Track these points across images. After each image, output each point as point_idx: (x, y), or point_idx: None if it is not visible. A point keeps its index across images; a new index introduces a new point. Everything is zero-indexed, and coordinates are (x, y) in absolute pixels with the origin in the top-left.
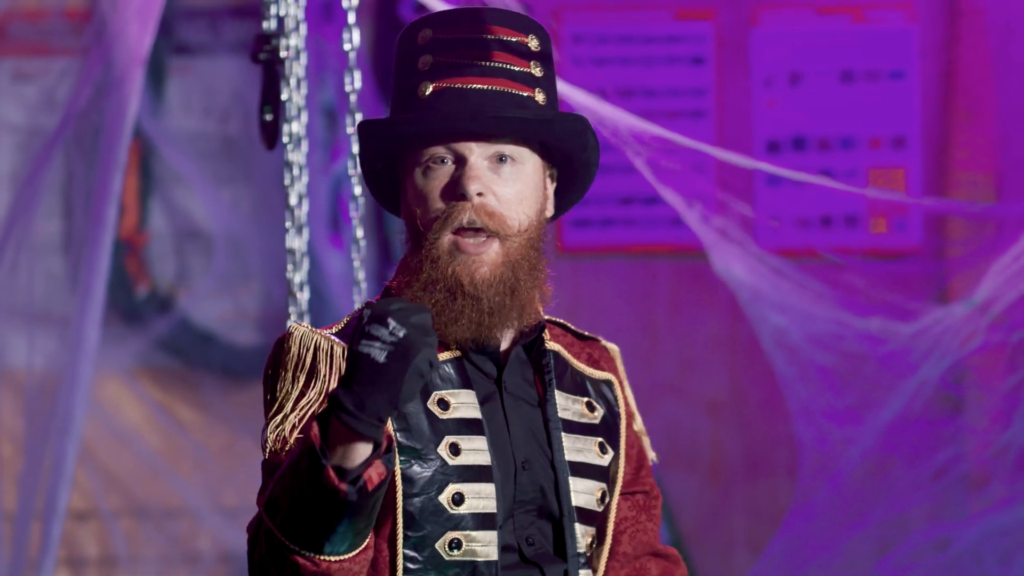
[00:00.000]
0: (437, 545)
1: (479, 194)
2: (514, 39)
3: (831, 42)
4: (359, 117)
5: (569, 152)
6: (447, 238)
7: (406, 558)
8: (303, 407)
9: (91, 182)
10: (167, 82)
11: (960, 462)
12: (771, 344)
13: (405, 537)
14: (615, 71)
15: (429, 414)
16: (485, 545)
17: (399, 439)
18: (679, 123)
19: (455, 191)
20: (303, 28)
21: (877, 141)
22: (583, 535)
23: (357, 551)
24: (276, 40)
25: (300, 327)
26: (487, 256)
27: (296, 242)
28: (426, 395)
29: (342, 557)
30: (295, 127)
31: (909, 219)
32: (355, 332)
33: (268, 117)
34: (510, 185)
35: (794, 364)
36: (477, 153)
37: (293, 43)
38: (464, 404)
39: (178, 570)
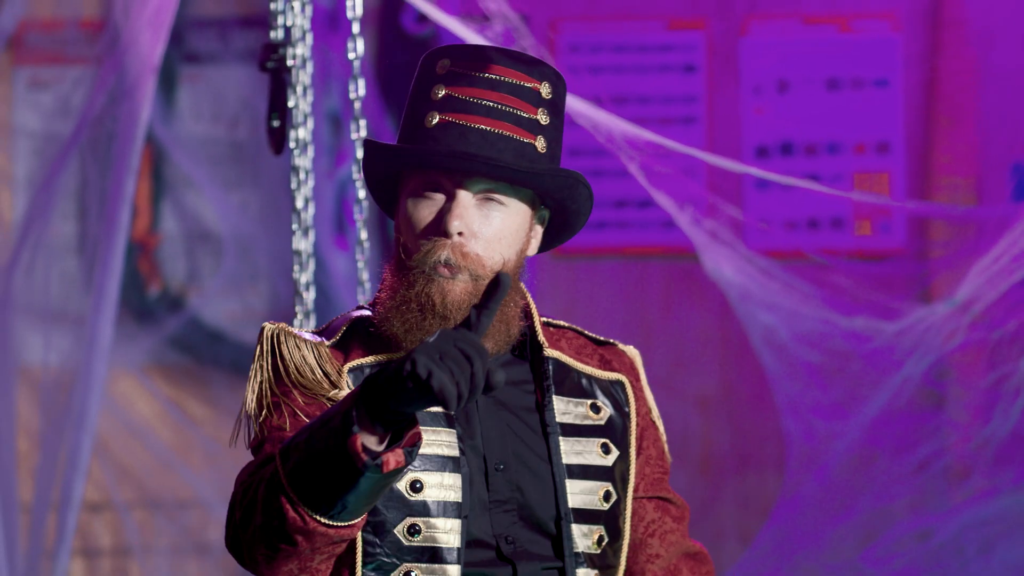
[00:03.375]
0: (396, 530)
1: (459, 233)
2: (527, 84)
3: (818, 51)
4: (363, 123)
5: (560, 201)
6: (424, 271)
7: (366, 542)
8: (265, 392)
9: (105, 186)
10: (178, 89)
11: (942, 455)
12: (760, 342)
13: (365, 522)
14: (610, 79)
15: None
16: (446, 532)
17: None
18: (671, 129)
19: (439, 226)
20: (309, 38)
21: (862, 146)
22: (585, 535)
23: (345, 524)
24: (283, 49)
25: (270, 326)
26: (458, 282)
27: (302, 244)
28: None
29: (331, 523)
30: (301, 133)
31: (893, 221)
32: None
33: (275, 123)
34: (492, 224)
35: (782, 361)
36: (466, 189)
37: (299, 52)
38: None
39: (189, 560)
